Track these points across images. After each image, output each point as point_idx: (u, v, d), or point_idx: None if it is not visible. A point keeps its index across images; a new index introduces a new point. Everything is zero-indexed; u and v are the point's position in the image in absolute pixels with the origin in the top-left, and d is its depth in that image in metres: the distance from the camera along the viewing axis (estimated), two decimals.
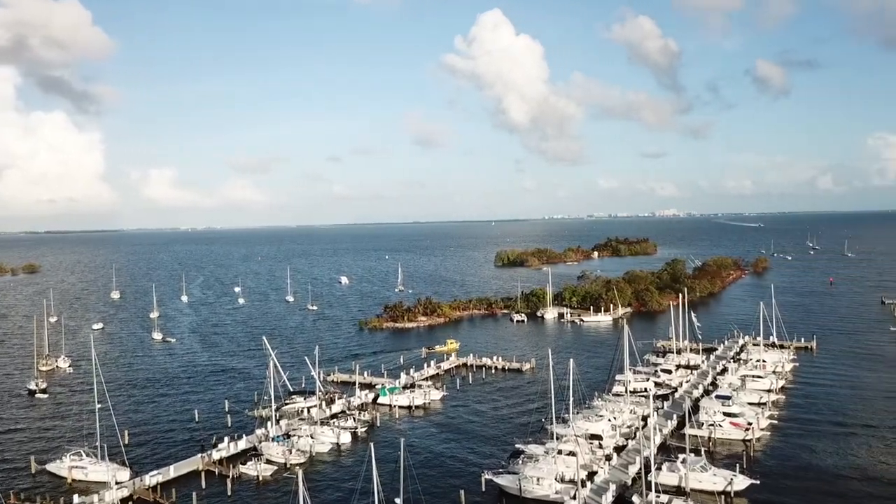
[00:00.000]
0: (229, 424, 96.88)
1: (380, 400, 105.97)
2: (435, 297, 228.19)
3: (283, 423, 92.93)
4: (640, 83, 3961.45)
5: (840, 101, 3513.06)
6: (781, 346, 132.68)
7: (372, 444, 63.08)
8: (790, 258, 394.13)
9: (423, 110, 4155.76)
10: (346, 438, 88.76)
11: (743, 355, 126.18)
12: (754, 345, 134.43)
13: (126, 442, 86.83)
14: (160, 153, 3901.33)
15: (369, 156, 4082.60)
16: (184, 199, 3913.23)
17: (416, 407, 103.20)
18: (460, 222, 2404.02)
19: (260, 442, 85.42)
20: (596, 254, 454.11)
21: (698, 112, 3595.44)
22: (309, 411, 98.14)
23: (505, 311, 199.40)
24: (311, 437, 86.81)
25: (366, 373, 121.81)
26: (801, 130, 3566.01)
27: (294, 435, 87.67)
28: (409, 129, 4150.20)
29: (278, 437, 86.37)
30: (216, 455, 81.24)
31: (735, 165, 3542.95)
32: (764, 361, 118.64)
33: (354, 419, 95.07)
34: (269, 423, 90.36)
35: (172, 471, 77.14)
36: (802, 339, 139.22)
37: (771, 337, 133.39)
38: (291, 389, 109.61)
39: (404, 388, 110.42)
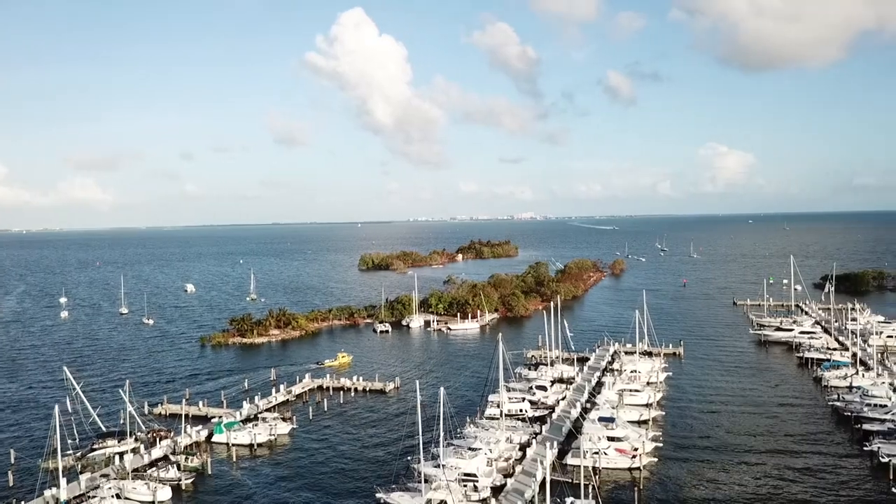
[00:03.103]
0: (11, 483, 75.97)
1: (215, 437, 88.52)
2: (293, 306, 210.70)
3: (83, 477, 73.67)
4: (501, 88, 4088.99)
5: (679, 112, 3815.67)
6: (651, 354, 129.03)
7: None
8: (643, 260, 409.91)
9: (285, 108, 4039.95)
10: (165, 494, 71.17)
11: (616, 365, 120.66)
12: (626, 353, 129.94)
13: None
14: None
15: (227, 154, 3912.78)
16: (15, 198, 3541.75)
17: (259, 445, 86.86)
18: (325, 224, 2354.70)
19: None
20: (460, 256, 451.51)
21: (555, 119, 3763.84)
22: (121, 458, 79.22)
23: (368, 321, 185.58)
24: (117, 497, 68.69)
25: (201, 402, 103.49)
26: (645, 139, 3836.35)
27: (94, 496, 69.05)
28: (271, 127, 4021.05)
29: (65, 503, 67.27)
30: None
31: (587, 171, 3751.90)
32: (638, 372, 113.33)
33: (179, 466, 77.46)
34: (63, 480, 70.74)
35: None
36: (670, 345, 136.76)
37: (641, 343, 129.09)
38: (105, 429, 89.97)
39: (245, 421, 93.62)
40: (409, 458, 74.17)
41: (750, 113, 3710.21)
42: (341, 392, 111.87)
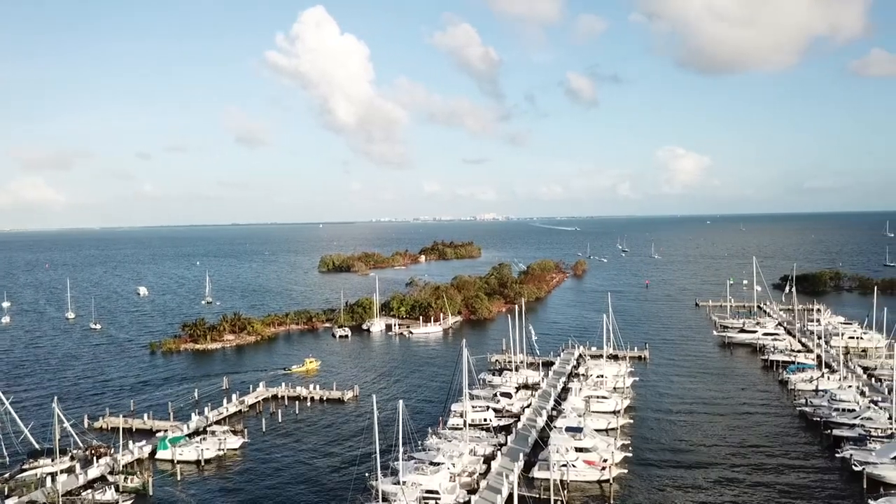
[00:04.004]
0: None
1: (159, 454, 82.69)
2: (251, 310, 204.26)
3: (10, 502, 67.45)
4: (463, 89, 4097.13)
5: (638, 114, 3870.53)
6: (616, 357, 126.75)
7: None
8: (605, 261, 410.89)
9: (244, 107, 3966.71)
10: None
11: (581, 369, 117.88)
12: (591, 357, 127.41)
13: None
14: None
15: (185, 153, 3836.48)
16: None
17: (207, 461, 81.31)
18: (286, 224, 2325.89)
19: None
20: (423, 257, 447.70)
21: (517, 120, 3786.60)
22: (53, 479, 72.98)
23: (327, 325, 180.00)
24: None
25: (146, 415, 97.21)
26: (605, 140, 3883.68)
27: None
28: (230, 126, 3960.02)
29: None
30: None
31: (548, 172, 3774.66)
32: (604, 377, 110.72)
33: (117, 487, 71.68)
34: None
35: None
36: (636, 348, 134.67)
37: (607, 347, 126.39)
38: (37, 447, 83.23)
39: (191, 435, 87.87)
40: (366, 474, 69.65)
41: (706, 116, 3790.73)
42: (297, 402, 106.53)
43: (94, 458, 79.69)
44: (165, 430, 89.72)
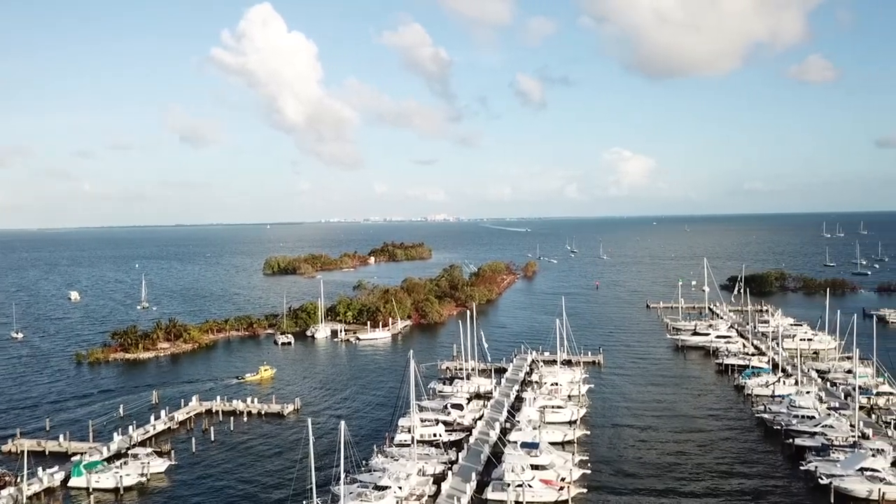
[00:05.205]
0: None
1: (72, 481, 74.24)
2: (190, 315, 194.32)
3: None
4: (414, 90, 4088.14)
5: (586, 116, 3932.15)
6: (570, 363, 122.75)
7: None
8: (555, 262, 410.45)
9: (189, 105, 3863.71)
10: None
11: (535, 376, 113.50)
12: (545, 363, 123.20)
13: None
14: None
15: (128, 151, 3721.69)
16: None
17: (127, 489, 73.33)
18: (233, 225, 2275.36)
19: None
20: (373, 259, 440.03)
21: (467, 121, 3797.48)
22: None
23: (269, 332, 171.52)
24: None
25: (62, 435, 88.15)
26: (554, 142, 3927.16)
27: None
28: (175, 124, 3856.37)
29: None
30: None
31: (498, 173, 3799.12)
32: (559, 385, 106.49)
33: None
34: None
35: None
36: (589, 353, 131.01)
37: (560, 352, 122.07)
38: None
39: (111, 458, 79.58)
40: (303, 503, 63.15)
41: (652, 119, 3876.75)
42: (232, 417, 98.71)
43: None
44: (83, 454, 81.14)
